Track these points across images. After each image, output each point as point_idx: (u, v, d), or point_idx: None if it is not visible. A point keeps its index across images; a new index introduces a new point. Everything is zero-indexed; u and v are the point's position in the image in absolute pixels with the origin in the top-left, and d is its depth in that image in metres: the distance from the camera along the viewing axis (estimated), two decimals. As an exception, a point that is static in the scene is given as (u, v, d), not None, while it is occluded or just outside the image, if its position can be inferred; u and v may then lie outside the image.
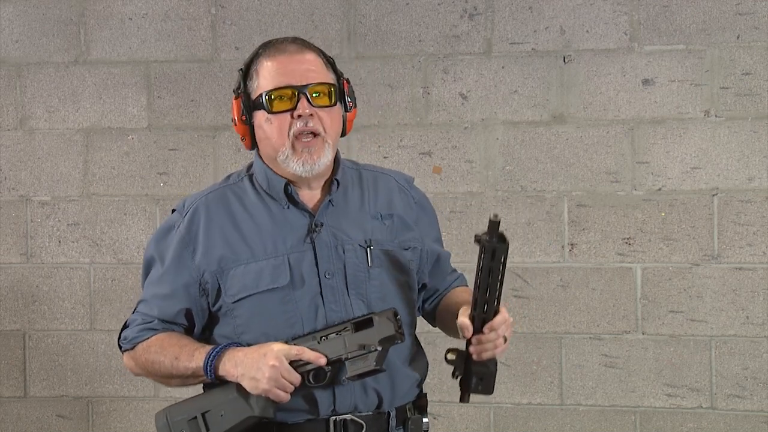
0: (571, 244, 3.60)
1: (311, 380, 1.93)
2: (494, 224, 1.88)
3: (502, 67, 3.63)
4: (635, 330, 3.58)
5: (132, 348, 2.07)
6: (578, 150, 3.59)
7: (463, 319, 1.95)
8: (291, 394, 1.92)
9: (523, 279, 3.62)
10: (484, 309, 1.94)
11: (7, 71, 3.85)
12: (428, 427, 2.10)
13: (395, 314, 1.94)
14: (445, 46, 3.65)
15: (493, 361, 2.00)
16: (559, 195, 3.61)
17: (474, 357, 1.98)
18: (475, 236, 1.89)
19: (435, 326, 2.27)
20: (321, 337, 1.94)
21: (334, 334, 1.94)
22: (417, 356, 2.12)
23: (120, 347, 2.10)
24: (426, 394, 2.14)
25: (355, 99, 2.11)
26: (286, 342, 1.94)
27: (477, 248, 1.89)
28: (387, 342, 1.93)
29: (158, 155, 3.79)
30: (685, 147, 3.54)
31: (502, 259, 1.90)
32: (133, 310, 2.11)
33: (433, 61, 3.66)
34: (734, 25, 3.49)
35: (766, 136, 3.50)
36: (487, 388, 2.02)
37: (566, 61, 3.59)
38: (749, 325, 3.52)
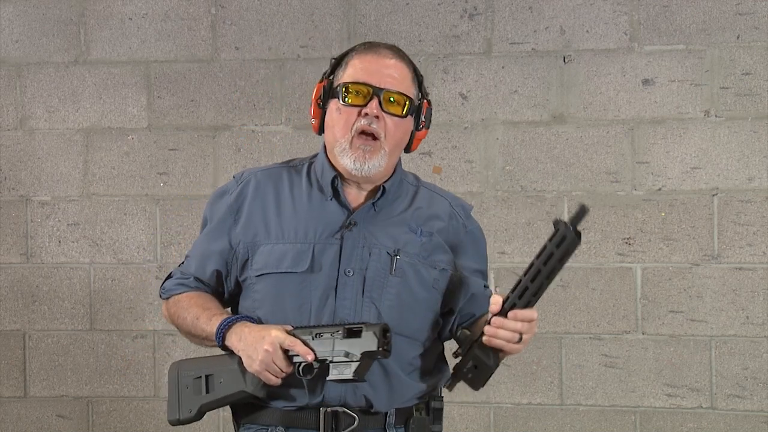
0: (571, 244, 3.60)
1: (300, 372, 1.97)
2: (581, 212, 1.85)
3: (502, 67, 3.63)
4: (635, 330, 3.58)
5: (167, 298, 2.18)
6: (578, 150, 3.60)
7: (497, 296, 1.95)
8: (282, 379, 1.98)
9: (523, 279, 3.62)
10: (521, 295, 1.92)
11: (7, 71, 3.85)
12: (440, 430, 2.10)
13: (385, 331, 1.94)
14: (445, 46, 3.65)
15: (496, 356, 1.98)
16: (559, 195, 3.61)
17: (484, 339, 1.96)
18: (555, 219, 1.88)
19: None
20: (317, 334, 1.97)
21: (328, 334, 1.96)
22: (427, 369, 2.11)
23: (160, 295, 2.21)
24: (442, 397, 2.13)
25: (430, 121, 2.14)
26: (288, 331, 1.98)
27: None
28: (368, 356, 1.94)
29: (158, 155, 3.79)
30: (685, 147, 3.54)
31: (566, 253, 1.87)
32: (180, 263, 2.21)
33: (433, 61, 3.66)
34: (734, 25, 3.50)
35: (766, 136, 3.50)
36: (477, 380, 1.99)
37: (566, 61, 3.60)
38: (749, 325, 3.52)
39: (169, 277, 2.21)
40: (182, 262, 2.20)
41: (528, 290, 1.91)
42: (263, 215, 2.10)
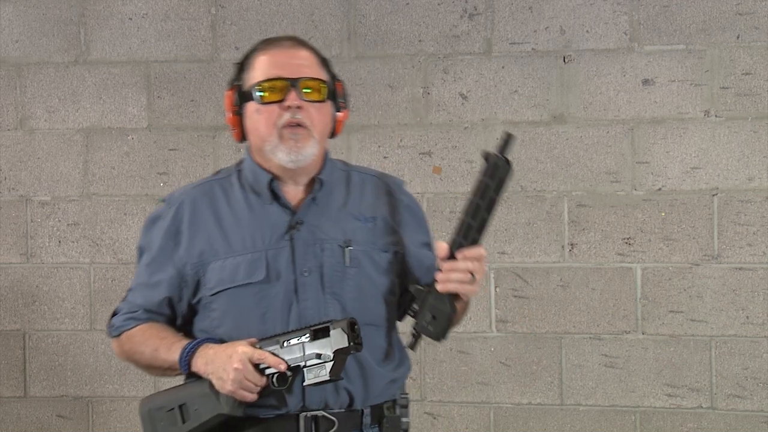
0: (571, 244, 3.60)
1: (275, 383, 1.95)
2: (508, 140, 1.85)
3: (502, 67, 3.63)
4: (635, 330, 3.58)
5: (118, 336, 2.12)
6: (578, 150, 3.60)
7: (441, 242, 1.95)
8: (258, 393, 1.95)
9: (523, 279, 3.62)
10: (466, 235, 1.91)
11: (7, 71, 3.85)
12: (407, 427, 2.10)
13: (352, 324, 1.93)
14: (445, 46, 3.65)
15: (451, 302, 1.96)
16: (559, 195, 3.61)
17: (438, 287, 1.95)
18: (483, 151, 1.87)
19: None
20: (284, 342, 1.95)
21: (295, 340, 1.94)
22: (394, 357, 2.11)
23: (109, 334, 2.16)
24: (407, 394, 2.13)
25: (347, 101, 2.13)
26: (254, 344, 1.95)
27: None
28: (341, 353, 1.93)
29: (158, 155, 3.79)
30: (685, 147, 3.54)
31: (501, 182, 1.87)
32: (123, 297, 2.15)
33: (433, 61, 3.66)
34: (734, 25, 3.50)
35: (766, 136, 3.50)
36: (438, 331, 1.96)
37: (566, 61, 3.60)
38: (749, 325, 3.52)
39: (115, 313, 2.14)
40: (125, 297, 2.15)
41: (471, 228, 1.91)
42: (205, 233, 2.05)
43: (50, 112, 3.84)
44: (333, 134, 2.12)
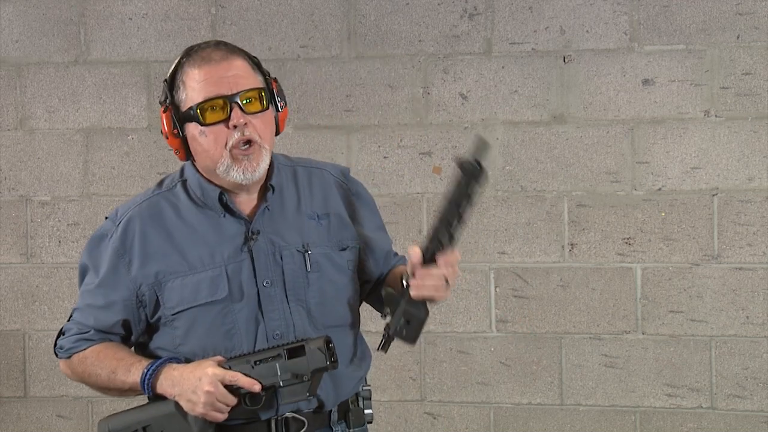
0: (571, 244, 3.60)
1: (247, 402, 1.93)
2: (481, 146, 1.84)
3: (502, 67, 3.63)
4: (635, 330, 3.58)
5: (68, 357, 2.06)
6: (578, 150, 3.60)
7: (415, 247, 1.93)
8: (228, 412, 1.92)
9: (523, 279, 3.62)
10: (440, 242, 1.91)
11: (7, 71, 3.85)
12: (371, 418, 2.10)
13: (328, 342, 1.92)
14: (445, 46, 3.65)
15: (425, 307, 1.96)
16: (559, 195, 3.61)
17: (412, 293, 1.95)
18: (456, 156, 1.85)
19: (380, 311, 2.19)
20: (255, 362, 1.91)
21: (269, 358, 1.91)
22: (360, 354, 2.11)
23: (56, 354, 2.09)
24: (369, 385, 2.13)
25: (285, 98, 2.08)
26: (222, 364, 1.92)
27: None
28: (318, 372, 1.92)
29: (158, 155, 3.79)
30: (685, 147, 3.54)
31: (474, 188, 1.86)
32: (68, 317, 2.09)
33: (433, 61, 3.66)
34: (734, 25, 3.49)
35: (766, 136, 3.50)
36: (411, 335, 1.96)
37: (566, 61, 3.60)
38: (749, 325, 3.52)
39: (62, 333, 2.08)
40: (70, 316, 2.07)
41: (445, 234, 1.91)
42: (160, 250, 2.00)
43: (50, 112, 3.84)
44: (277, 132, 2.08)
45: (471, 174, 1.87)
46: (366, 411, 2.09)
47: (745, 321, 3.52)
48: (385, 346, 2.00)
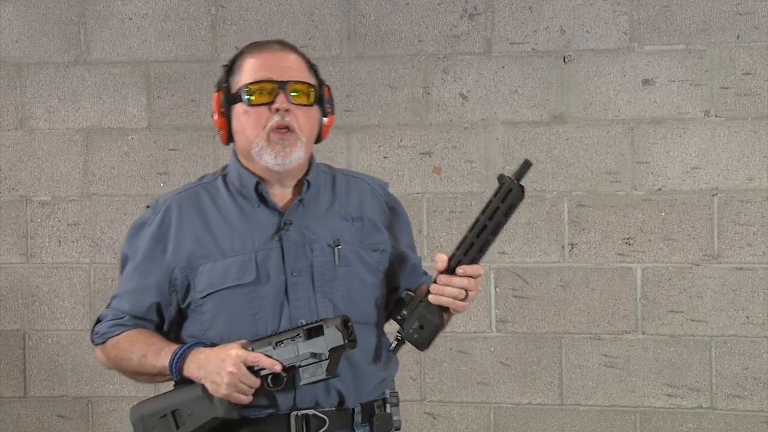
0: (571, 244, 3.60)
1: (270, 384, 1.95)
2: (525, 166, 1.87)
3: (502, 67, 3.63)
4: (635, 330, 3.58)
5: (103, 343, 2.12)
6: (578, 150, 3.60)
7: (441, 254, 1.96)
8: (252, 394, 1.95)
9: (523, 279, 3.62)
10: (467, 251, 1.93)
11: (7, 71, 3.85)
12: (399, 425, 2.11)
13: (345, 322, 1.94)
14: (445, 46, 3.65)
15: (442, 315, 1.98)
16: (559, 195, 3.61)
17: (430, 298, 1.96)
18: (499, 174, 1.88)
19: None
20: (276, 343, 1.94)
21: (288, 340, 1.94)
22: (383, 355, 2.11)
23: (93, 341, 2.15)
24: (397, 392, 2.13)
25: (333, 106, 2.13)
26: (245, 346, 1.95)
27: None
28: (336, 351, 1.93)
29: (158, 155, 3.79)
30: (685, 147, 3.54)
31: (511, 206, 1.89)
32: (107, 305, 2.14)
33: (433, 61, 3.66)
34: (734, 25, 3.50)
35: (766, 136, 3.50)
36: (422, 341, 1.98)
37: (566, 61, 3.60)
38: (749, 325, 3.52)
39: (99, 320, 2.13)
40: (109, 303, 2.13)
41: (474, 246, 1.93)
42: (194, 236, 2.04)
43: (50, 112, 3.84)
44: (318, 139, 2.12)
45: (515, 197, 1.89)
46: (394, 418, 2.09)
47: (745, 321, 3.52)
48: (396, 348, 2.01)
